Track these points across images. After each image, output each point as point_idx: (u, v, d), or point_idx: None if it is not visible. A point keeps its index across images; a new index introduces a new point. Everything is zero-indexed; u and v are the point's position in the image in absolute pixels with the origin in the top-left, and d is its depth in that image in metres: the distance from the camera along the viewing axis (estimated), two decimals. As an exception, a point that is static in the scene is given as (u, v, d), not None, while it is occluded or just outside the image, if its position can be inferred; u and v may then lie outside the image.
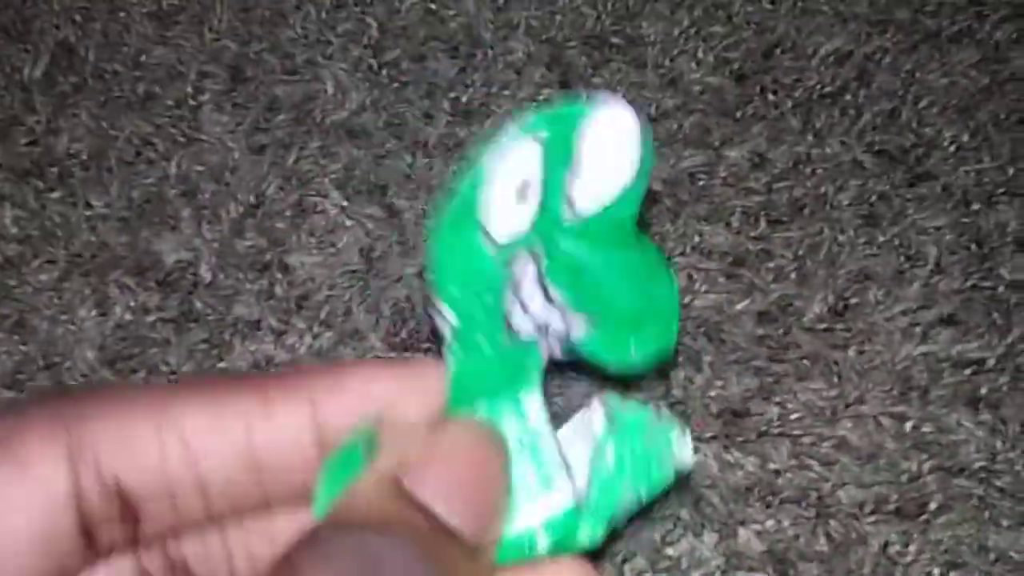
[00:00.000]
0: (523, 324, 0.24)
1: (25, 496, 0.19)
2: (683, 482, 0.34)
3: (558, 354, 0.25)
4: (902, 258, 0.38)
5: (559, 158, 0.23)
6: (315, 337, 0.37)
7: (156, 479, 0.21)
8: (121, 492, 0.21)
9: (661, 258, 0.26)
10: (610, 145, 0.23)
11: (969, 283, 0.37)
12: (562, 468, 0.23)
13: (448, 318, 0.23)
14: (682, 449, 0.23)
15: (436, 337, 0.25)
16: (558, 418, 0.28)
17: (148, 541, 0.22)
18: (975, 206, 0.39)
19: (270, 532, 0.23)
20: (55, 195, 0.40)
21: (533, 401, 0.23)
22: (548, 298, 0.24)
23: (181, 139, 0.41)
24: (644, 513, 0.34)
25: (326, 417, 0.22)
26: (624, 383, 0.34)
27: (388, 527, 0.19)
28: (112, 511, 0.21)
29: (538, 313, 0.24)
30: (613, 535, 0.24)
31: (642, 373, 0.29)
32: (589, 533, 0.22)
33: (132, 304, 0.38)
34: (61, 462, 0.20)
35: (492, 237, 0.23)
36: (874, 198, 0.39)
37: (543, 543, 0.22)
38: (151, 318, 0.38)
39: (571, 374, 0.34)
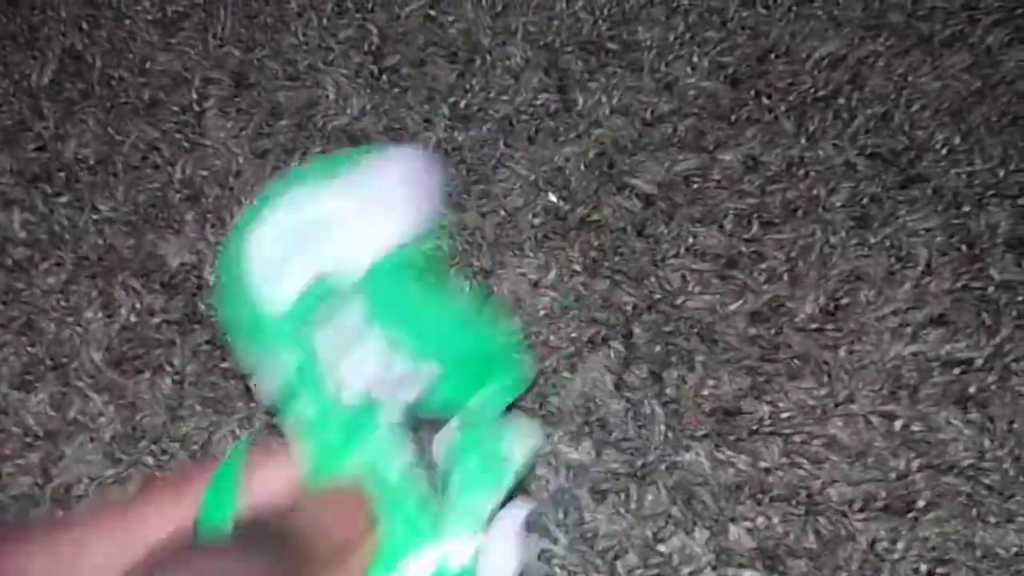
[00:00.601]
0: (356, 380, 0.23)
1: None
2: (675, 480, 0.35)
3: (411, 399, 0.24)
4: (893, 259, 0.39)
5: (317, 219, 0.23)
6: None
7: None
8: None
9: (478, 300, 0.25)
10: (381, 200, 0.23)
11: (959, 284, 0.38)
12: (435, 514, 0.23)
13: (263, 382, 0.23)
14: (516, 453, 0.23)
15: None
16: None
17: None
18: (966, 208, 0.40)
19: None
20: (62, 199, 0.41)
21: (398, 459, 0.23)
22: (385, 340, 0.23)
23: (186, 144, 0.42)
24: (635, 511, 0.34)
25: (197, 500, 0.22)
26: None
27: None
28: None
29: (376, 365, 0.23)
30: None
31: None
32: (457, 535, 0.23)
33: (137, 306, 0.39)
34: None
35: (271, 304, 0.23)
36: (866, 200, 0.40)
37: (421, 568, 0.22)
38: (156, 320, 0.38)
39: (603, 443, 0.35)
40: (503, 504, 0.23)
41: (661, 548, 0.34)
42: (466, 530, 0.23)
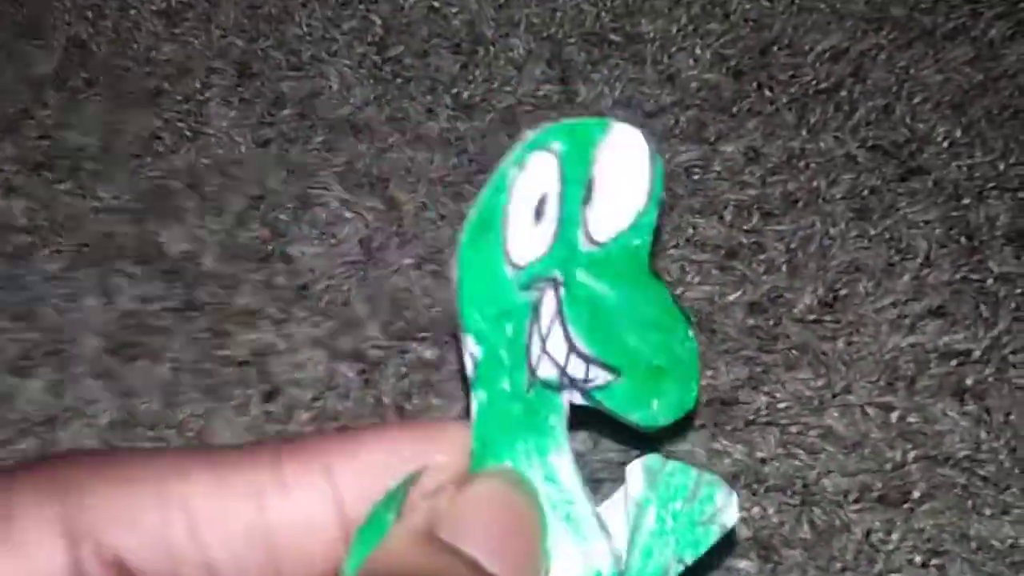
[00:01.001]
0: (544, 368, 0.22)
1: (16, 574, 0.18)
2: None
3: (578, 400, 0.23)
4: (892, 251, 0.39)
5: (575, 174, 0.22)
6: (314, 326, 0.38)
7: (160, 557, 0.19)
8: (121, 566, 0.19)
9: (676, 305, 0.24)
10: (626, 168, 0.22)
11: (958, 276, 0.38)
12: (601, 534, 0.22)
13: (471, 349, 0.22)
14: (727, 510, 0.22)
15: (464, 382, 0.23)
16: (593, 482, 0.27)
17: None
18: (966, 200, 0.40)
19: None
20: (64, 187, 0.41)
21: (564, 463, 0.22)
22: (568, 339, 0.22)
23: (188, 133, 0.42)
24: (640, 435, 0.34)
25: (345, 490, 0.20)
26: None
27: None
28: None
29: (557, 354, 0.22)
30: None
31: (662, 431, 0.26)
32: None
33: (137, 293, 0.39)
34: (58, 540, 0.18)
35: (512, 258, 0.21)
36: (866, 192, 0.40)
37: None
38: (155, 307, 0.39)
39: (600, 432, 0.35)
40: None
41: (656, 537, 0.34)
42: None
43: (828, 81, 0.42)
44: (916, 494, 0.34)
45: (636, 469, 0.23)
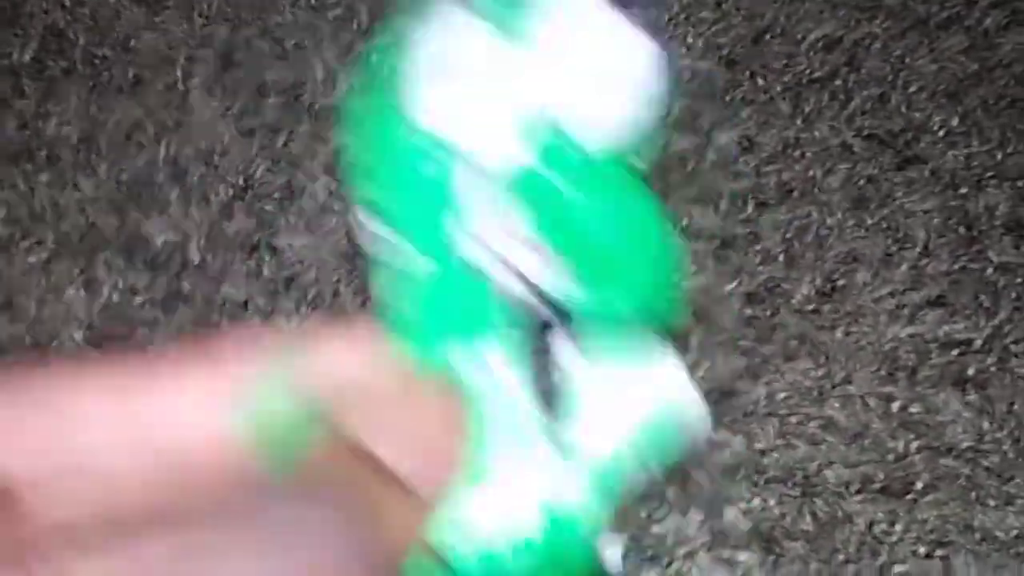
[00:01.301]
0: (473, 250, 0.19)
1: None
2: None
3: (519, 288, 0.20)
4: (890, 240, 0.38)
5: (504, 28, 0.18)
6: (302, 318, 0.37)
7: (40, 459, 0.18)
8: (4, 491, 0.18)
9: (654, 207, 0.22)
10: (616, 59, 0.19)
11: (957, 265, 0.37)
12: (542, 432, 0.20)
13: (374, 227, 0.19)
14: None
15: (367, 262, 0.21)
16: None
17: (38, 550, 0.18)
18: (964, 189, 0.39)
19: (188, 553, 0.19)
20: (44, 178, 0.40)
21: (497, 352, 0.20)
22: (511, 225, 0.19)
23: (170, 123, 0.41)
24: (628, 492, 0.34)
25: (242, 382, 0.19)
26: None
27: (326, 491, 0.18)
28: None
29: (492, 238, 0.19)
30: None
31: (645, 336, 0.23)
32: (594, 509, 0.20)
33: (120, 285, 0.38)
34: None
35: (416, 118, 0.18)
36: (863, 181, 0.39)
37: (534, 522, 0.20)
38: (139, 299, 0.37)
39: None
40: None
41: (655, 529, 0.33)
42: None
43: (822, 70, 0.42)
44: (919, 485, 0.34)
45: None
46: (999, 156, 0.40)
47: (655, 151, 0.20)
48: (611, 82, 0.20)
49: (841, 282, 0.37)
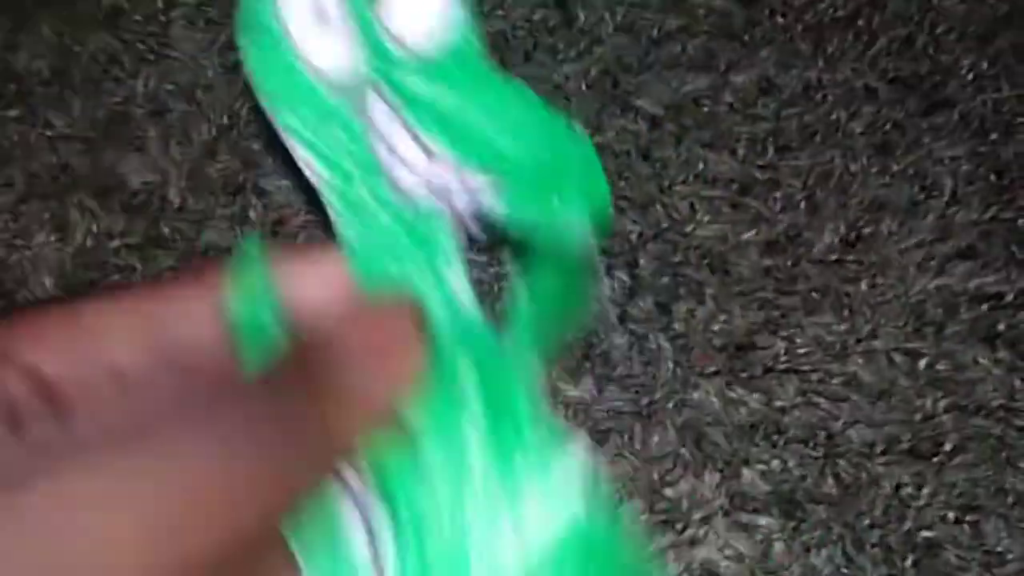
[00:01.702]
0: (414, 186, 0.20)
1: None
2: (684, 419, 0.32)
3: (472, 227, 0.20)
4: (917, 188, 0.36)
5: None
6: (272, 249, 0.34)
7: (76, 368, 0.19)
8: (42, 383, 0.19)
9: (539, 100, 0.21)
10: None
11: (988, 215, 0.35)
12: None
13: (306, 161, 0.20)
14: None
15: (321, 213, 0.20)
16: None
17: (90, 451, 0.19)
18: (994, 136, 0.37)
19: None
20: (13, 113, 0.37)
21: (456, 277, 0.20)
22: (420, 145, 0.20)
23: (150, 56, 0.38)
24: (640, 452, 0.32)
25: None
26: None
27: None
28: (38, 405, 0.19)
29: (414, 161, 0.20)
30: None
31: (584, 246, 0.22)
32: (521, 343, 0.20)
33: (94, 229, 0.35)
34: None
35: (311, 63, 0.19)
36: (888, 126, 0.37)
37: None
38: (114, 244, 0.35)
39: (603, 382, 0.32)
40: None
41: (668, 492, 0.31)
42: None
43: (845, 9, 0.39)
44: (948, 446, 0.32)
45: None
46: (1031, 101, 0.37)
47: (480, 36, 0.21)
48: None
49: (866, 231, 0.35)
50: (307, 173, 0.20)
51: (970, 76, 0.38)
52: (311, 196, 0.22)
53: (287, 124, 0.20)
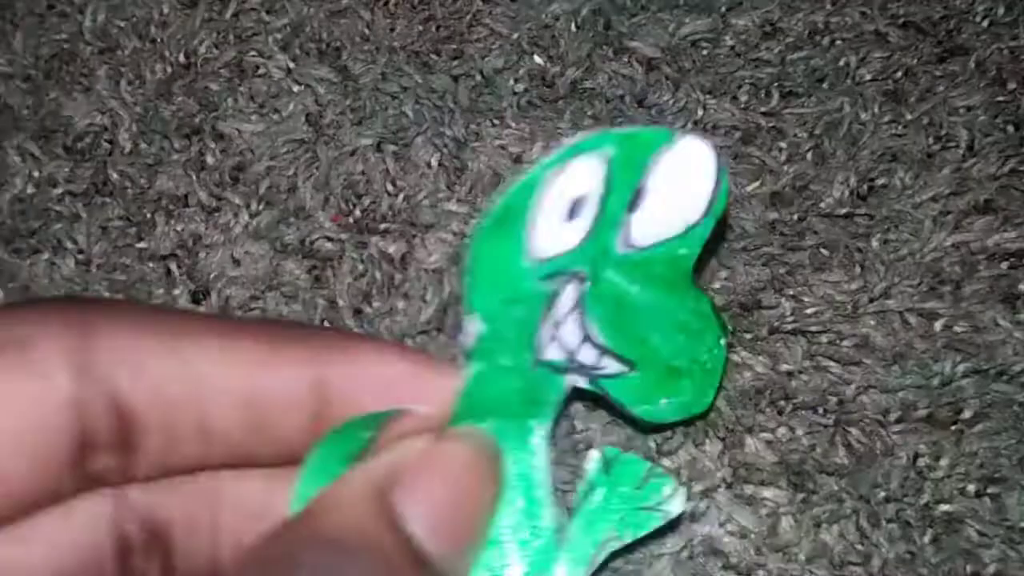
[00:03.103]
0: (552, 352, 0.22)
1: (27, 394, 0.18)
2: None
3: (583, 384, 0.23)
4: (931, 139, 0.33)
5: (624, 180, 0.21)
6: (252, 215, 0.31)
7: (159, 403, 0.20)
8: (122, 408, 0.19)
9: (714, 315, 0.24)
10: (684, 183, 0.22)
11: (1007, 167, 0.33)
12: (552, 506, 0.22)
13: (475, 325, 0.21)
14: (673, 500, 0.23)
15: (458, 345, 0.22)
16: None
17: (137, 484, 0.21)
18: (1012, 85, 0.35)
19: (254, 501, 0.22)
20: (-54, 49, 0.34)
21: (542, 429, 0.22)
22: (583, 328, 0.22)
23: (99, -10, 0.35)
24: (635, 422, 0.29)
25: (331, 382, 0.21)
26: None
27: (358, 546, 0.18)
28: (109, 430, 0.19)
29: (569, 340, 0.22)
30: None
31: (663, 427, 0.27)
32: (566, 570, 0.22)
33: (36, 174, 0.32)
34: (69, 367, 0.19)
35: (535, 251, 0.21)
36: (900, 73, 0.35)
37: (515, 571, 0.22)
38: (58, 191, 0.32)
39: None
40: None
41: (667, 462, 0.29)
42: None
43: (853, -51, 0.36)
44: (967, 413, 0.29)
45: (592, 455, 0.24)
46: (1051, 49, 0.35)
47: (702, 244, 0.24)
48: (676, 204, 0.23)
49: (879, 182, 0.32)
50: (467, 334, 0.22)
51: (986, 23, 0.36)
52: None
53: (478, 293, 0.21)
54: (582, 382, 0.23)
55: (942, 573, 0.28)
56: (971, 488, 0.29)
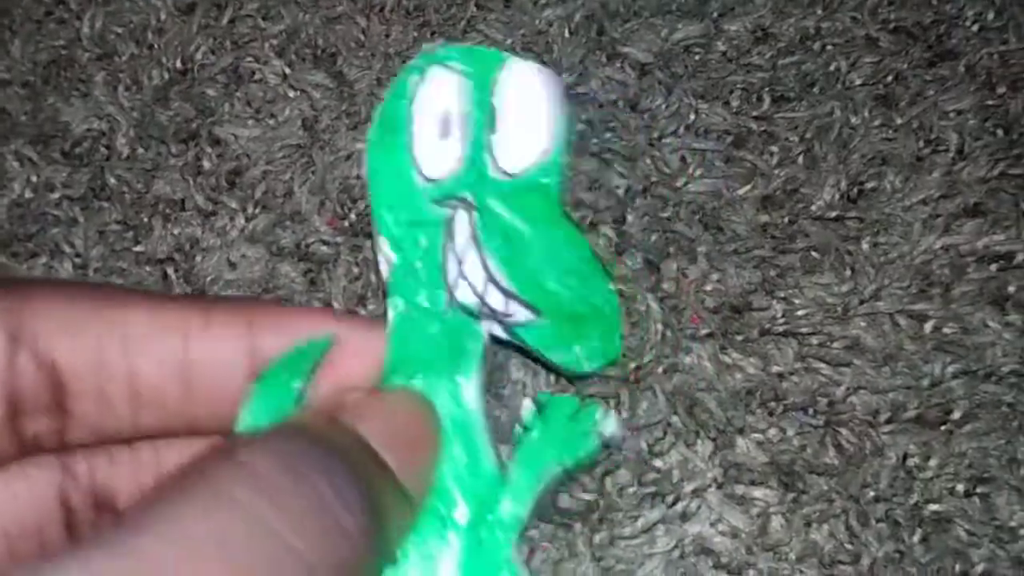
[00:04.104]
0: (463, 293, 0.24)
1: None
2: (674, 385, 0.30)
3: (500, 333, 0.24)
4: (921, 143, 0.34)
5: (478, 99, 0.24)
6: (248, 219, 0.32)
7: (91, 368, 0.20)
8: (55, 374, 0.20)
9: (596, 259, 0.26)
10: (525, 106, 0.24)
11: (996, 171, 0.33)
12: (491, 455, 0.23)
13: (387, 253, 0.23)
14: (606, 421, 0.25)
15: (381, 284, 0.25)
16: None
17: (74, 451, 0.21)
18: (1001, 89, 0.35)
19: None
20: (-54, 55, 0.34)
21: (471, 387, 0.23)
22: (485, 267, 0.24)
23: (97, -4, 0.35)
24: (628, 420, 0.29)
25: (263, 346, 0.22)
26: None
27: (323, 444, 0.19)
28: (42, 396, 0.20)
29: (475, 279, 0.23)
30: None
31: (586, 375, 0.27)
32: (511, 508, 0.23)
33: (34, 179, 0.32)
34: (1, 331, 0.19)
35: (421, 170, 0.23)
36: (890, 78, 0.35)
37: (461, 511, 0.22)
38: (55, 195, 0.32)
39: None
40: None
41: (658, 463, 0.29)
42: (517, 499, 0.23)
43: (844, -46, 0.37)
44: (957, 414, 0.29)
45: (526, 404, 0.25)
46: (1040, 53, 0.35)
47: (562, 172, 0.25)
48: (523, 124, 0.24)
49: (868, 186, 0.33)
50: (382, 264, 0.24)
51: (975, 27, 0.36)
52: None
53: (381, 217, 0.24)
54: (498, 330, 0.24)
55: (931, 572, 0.28)
56: (960, 488, 0.29)
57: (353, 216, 0.32)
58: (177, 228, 0.32)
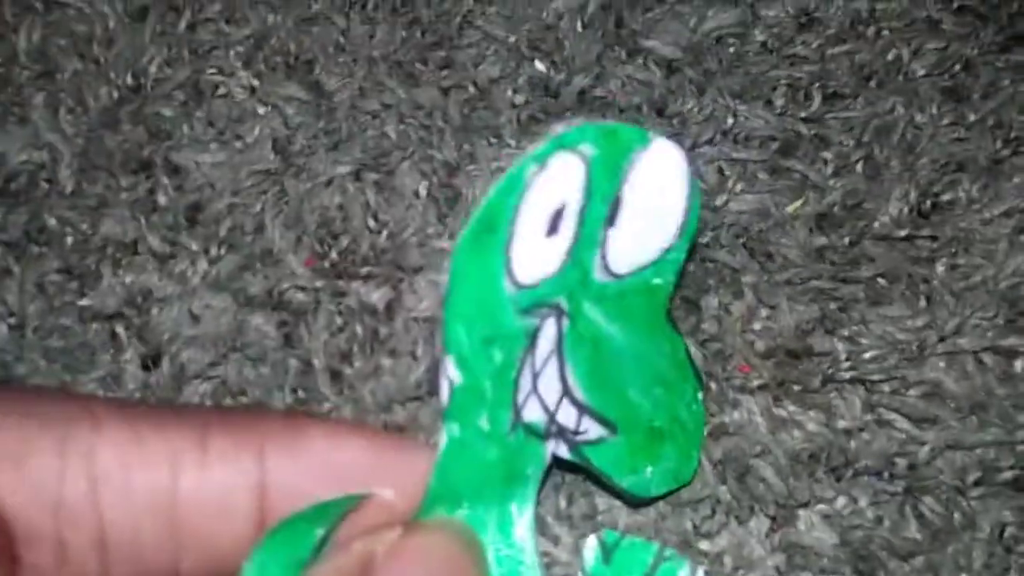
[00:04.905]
0: (531, 410, 0.20)
1: None
2: (722, 449, 0.25)
3: (564, 454, 0.21)
4: (999, 143, 0.29)
5: (603, 188, 0.19)
6: (212, 262, 0.27)
7: (46, 512, 0.17)
8: (1, 517, 0.16)
9: (689, 363, 0.23)
10: (662, 191, 0.20)
11: (1091, 174, 0.28)
12: None
13: (450, 373, 0.19)
14: None
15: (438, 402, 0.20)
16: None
17: None
18: (1089, 75, 0.30)
19: None
20: None
21: (524, 518, 0.20)
22: (562, 380, 0.20)
23: (36, 3, 0.31)
24: (672, 498, 0.24)
25: (274, 479, 0.18)
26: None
27: None
28: None
29: (548, 395, 0.20)
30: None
31: (650, 501, 0.24)
32: None
33: (-38, 222, 0.28)
34: None
35: (516, 274, 0.19)
36: (958, 67, 0.30)
37: None
38: (-13, 240, 0.28)
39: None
40: None
41: (705, 546, 0.24)
42: None
43: (898, -77, 0.32)
44: (1061, 473, 0.25)
45: (589, 543, 0.22)
46: None
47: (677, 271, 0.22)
48: (651, 218, 0.21)
49: (942, 197, 0.28)
50: (442, 384, 0.19)
51: (1054, 2, 0.31)
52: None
53: (454, 331, 0.19)
54: (563, 450, 0.21)
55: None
56: (1070, 564, 0.24)
57: (334, 254, 0.27)
58: (129, 276, 0.27)
